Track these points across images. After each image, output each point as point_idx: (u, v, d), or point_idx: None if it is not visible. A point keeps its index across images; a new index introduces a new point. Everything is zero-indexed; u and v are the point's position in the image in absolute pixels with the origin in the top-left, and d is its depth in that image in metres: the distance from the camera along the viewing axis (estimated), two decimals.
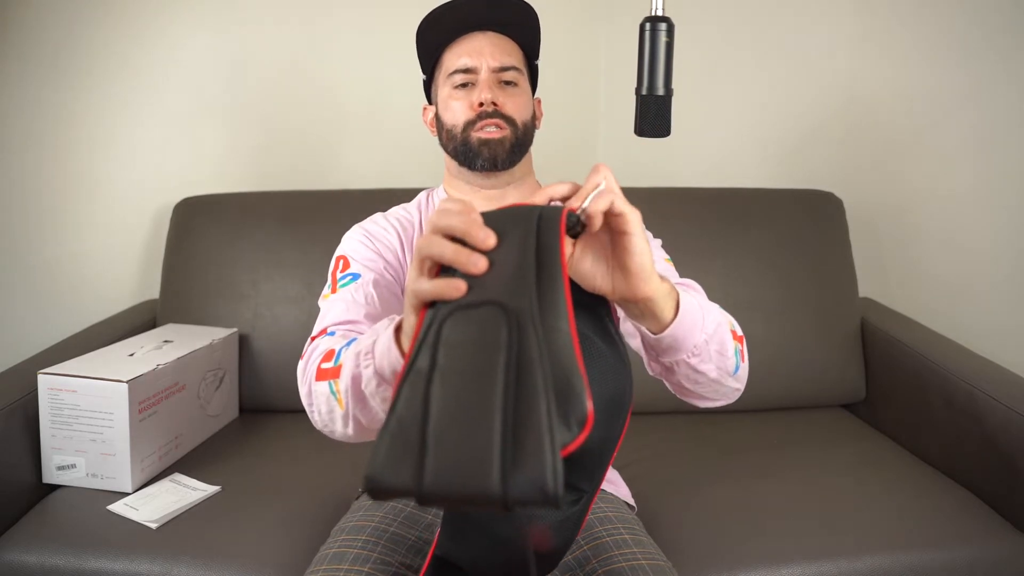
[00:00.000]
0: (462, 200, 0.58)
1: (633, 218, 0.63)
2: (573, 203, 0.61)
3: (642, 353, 0.82)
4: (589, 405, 0.44)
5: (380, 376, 0.71)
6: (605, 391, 0.62)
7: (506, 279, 0.49)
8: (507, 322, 0.45)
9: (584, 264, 0.67)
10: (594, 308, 0.66)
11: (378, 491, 0.44)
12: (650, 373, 0.84)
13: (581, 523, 0.62)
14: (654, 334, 0.73)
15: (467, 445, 0.41)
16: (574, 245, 0.67)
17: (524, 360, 0.43)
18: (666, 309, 0.71)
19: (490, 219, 0.56)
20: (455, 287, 0.50)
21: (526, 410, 0.42)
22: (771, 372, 1.59)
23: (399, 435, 0.44)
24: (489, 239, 0.53)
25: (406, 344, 0.65)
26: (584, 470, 0.61)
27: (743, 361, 0.85)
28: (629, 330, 0.89)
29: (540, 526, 0.61)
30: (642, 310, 0.70)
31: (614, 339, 0.65)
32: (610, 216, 0.63)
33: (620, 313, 0.71)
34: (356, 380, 0.74)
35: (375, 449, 0.45)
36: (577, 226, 0.60)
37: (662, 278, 0.70)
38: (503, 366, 0.43)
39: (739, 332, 0.85)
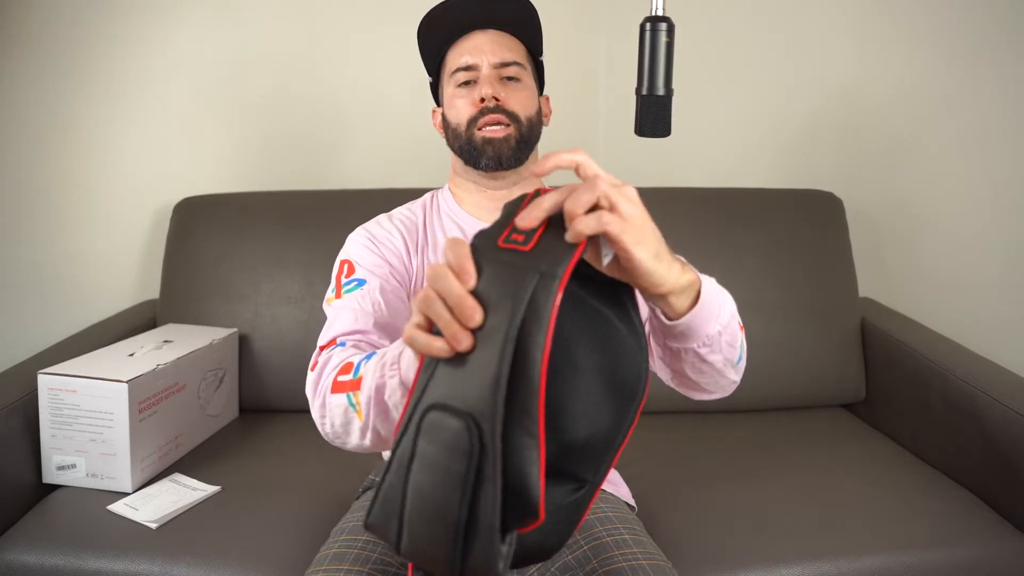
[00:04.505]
0: (461, 247, 0.57)
1: (630, 237, 0.59)
2: (569, 235, 0.56)
3: (649, 334, 0.79)
4: (541, 512, 0.53)
5: (406, 387, 0.71)
6: (619, 373, 0.61)
7: (483, 380, 0.53)
8: (469, 438, 0.52)
9: (591, 256, 0.64)
10: (615, 289, 0.64)
11: (372, 534, 0.57)
12: (650, 359, 0.82)
13: (581, 516, 0.61)
14: (669, 319, 0.72)
15: (430, 535, 0.53)
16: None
17: (481, 475, 0.52)
18: (683, 300, 0.69)
19: (484, 271, 0.56)
20: (442, 350, 0.56)
21: (478, 516, 0.52)
22: (771, 372, 1.59)
23: (388, 501, 0.56)
24: (475, 316, 0.54)
25: None
26: (591, 458, 0.61)
27: (743, 353, 0.84)
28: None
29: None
30: (655, 299, 0.69)
31: (633, 323, 0.64)
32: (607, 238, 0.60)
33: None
34: (380, 390, 0.75)
35: (373, 500, 0.58)
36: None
37: (684, 266, 0.68)
38: (463, 475, 0.52)
39: (740, 321, 0.84)
